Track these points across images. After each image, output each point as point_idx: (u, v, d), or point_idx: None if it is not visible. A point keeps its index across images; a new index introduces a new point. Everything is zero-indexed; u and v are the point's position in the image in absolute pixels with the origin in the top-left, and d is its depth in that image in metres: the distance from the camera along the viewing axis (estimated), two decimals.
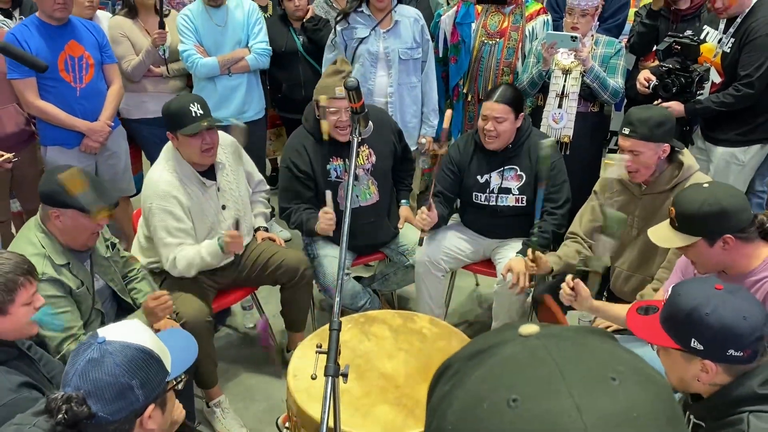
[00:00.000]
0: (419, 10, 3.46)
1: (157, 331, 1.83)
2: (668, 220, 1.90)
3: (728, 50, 3.00)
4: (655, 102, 3.11)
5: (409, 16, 3.30)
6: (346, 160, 2.83)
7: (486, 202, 2.87)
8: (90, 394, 1.24)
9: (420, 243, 2.88)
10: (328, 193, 2.64)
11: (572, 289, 2.16)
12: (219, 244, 2.50)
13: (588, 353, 0.54)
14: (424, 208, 2.71)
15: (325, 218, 2.65)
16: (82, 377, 1.25)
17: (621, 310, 2.13)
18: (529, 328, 0.57)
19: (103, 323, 2.24)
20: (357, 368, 2.11)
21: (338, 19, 3.36)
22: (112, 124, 3.25)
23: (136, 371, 1.27)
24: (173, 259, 2.50)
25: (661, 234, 1.91)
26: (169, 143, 2.58)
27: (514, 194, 2.84)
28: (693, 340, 1.41)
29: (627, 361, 0.54)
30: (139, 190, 3.33)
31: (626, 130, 2.27)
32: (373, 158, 2.90)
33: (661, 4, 3.50)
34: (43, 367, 1.84)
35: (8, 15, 3.58)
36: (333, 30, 3.39)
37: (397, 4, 3.29)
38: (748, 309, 1.40)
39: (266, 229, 2.95)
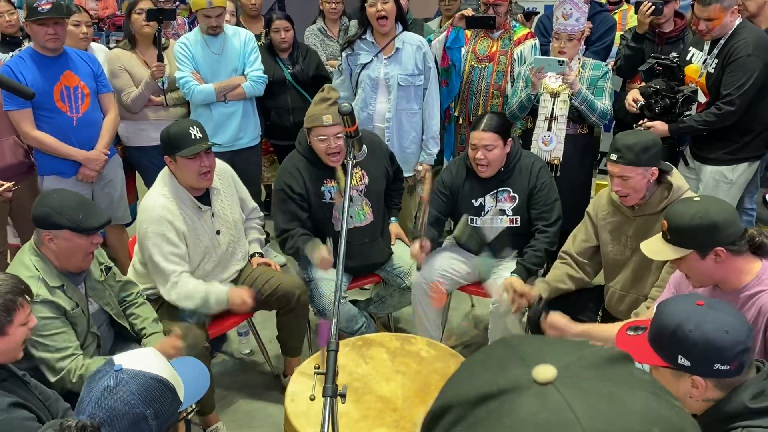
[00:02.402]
0: None
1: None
2: (661, 234, 1.93)
3: (712, 71, 3.07)
4: (641, 122, 3.16)
5: (412, 43, 3.35)
6: (340, 181, 2.86)
7: (481, 224, 2.90)
8: (104, 423, 1.24)
9: (418, 269, 2.92)
10: (330, 242, 2.68)
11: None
12: (227, 296, 2.53)
13: (620, 413, 0.47)
14: (417, 245, 2.79)
15: (323, 263, 2.71)
16: (98, 405, 1.25)
17: (609, 330, 2.16)
18: (546, 373, 0.49)
19: (99, 347, 2.25)
20: (355, 391, 2.11)
21: (344, 46, 3.44)
22: (109, 152, 3.28)
23: (150, 401, 1.27)
24: (174, 283, 2.51)
25: (654, 247, 1.94)
26: (165, 169, 2.60)
27: (508, 215, 2.87)
28: (680, 356, 1.43)
29: (664, 419, 0.48)
30: (134, 219, 3.34)
31: (614, 156, 2.31)
32: (366, 179, 2.94)
33: (645, 28, 3.59)
34: (39, 394, 1.83)
35: (18, 44, 3.64)
36: (340, 57, 3.46)
37: (402, 31, 3.35)
38: (730, 322, 1.42)
39: (261, 255, 2.97)
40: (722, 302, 1.53)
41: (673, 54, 3.28)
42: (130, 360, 1.32)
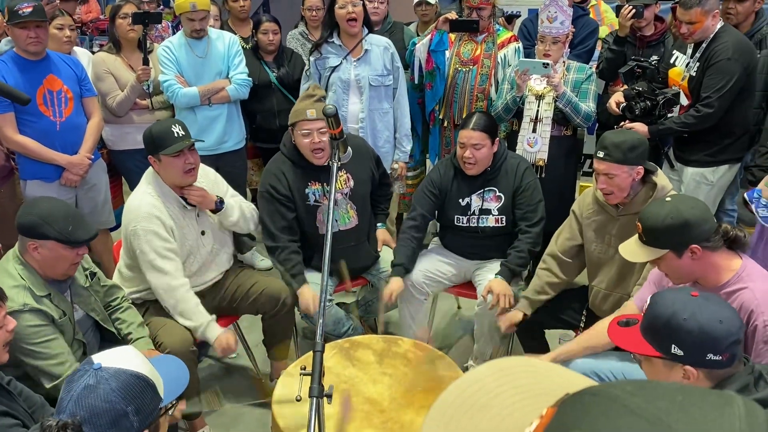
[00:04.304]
0: (393, 41, 3.55)
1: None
2: (636, 236, 1.96)
3: (694, 74, 3.11)
4: (621, 123, 3.20)
5: (379, 44, 3.39)
6: (325, 184, 2.86)
7: (467, 224, 2.92)
8: (86, 421, 1.24)
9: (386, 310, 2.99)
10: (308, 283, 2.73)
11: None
12: (213, 340, 2.54)
13: None
14: (387, 290, 2.81)
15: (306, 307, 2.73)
16: (78, 403, 1.25)
17: (577, 344, 2.20)
18: None
19: (85, 353, 2.22)
20: (342, 394, 2.11)
21: (311, 50, 3.44)
22: (92, 156, 3.25)
23: (131, 398, 1.28)
24: (175, 288, 2.50)
25: (631, 249, 1.97)
26: (149, 169, 2.59)
27: (494, 215, 2.89)
28: (673, 346, 1.46)
29: None
30: (119, 224, 3.32)
31: (601, 154, 2.34)
32: (351, 183, 2.94)
33: (627, 31, 3.64)
34: (23, 401, 1.82)
35: None
36: (307, 62, 3.46)
37: (368, 33, 3.37)
38: (723, 313, 1.45)
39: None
40: (715, 295, 1.56)
41: (654, 57, 3.33)
42: (109, 358, 1.32)
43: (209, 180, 2.76)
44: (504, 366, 0.55)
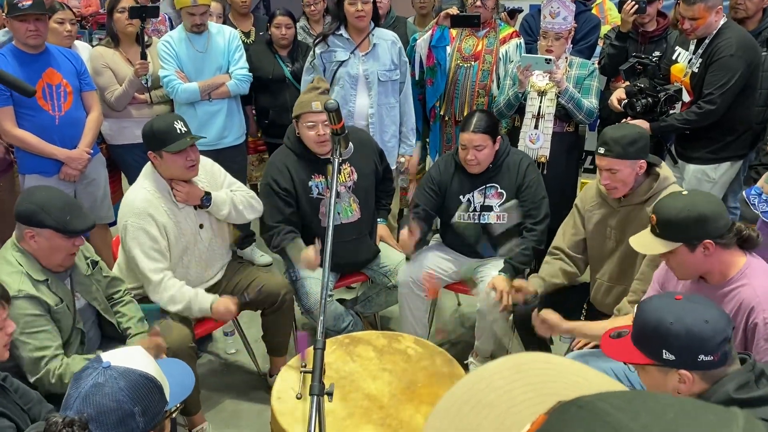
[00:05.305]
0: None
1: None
2: (649, 228, 1.94)
3: (696, 70, 3.10)
4: (623, 120, 3.19)
5: (386, 39, 3.37)
6: (328, 177, 2.85)
7: (469, 221, 2.90)
8: (92, 419, 1.24)
9: (407, 258, 2.94)
10: (318, 242, 2.65)
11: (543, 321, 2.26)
12: (211, 305, 2.51)
13: None
14: (406, 230, 2.74)
15: (309, 263, 2.68)
16: (86, 401, 1.25)
17: (596, 326, 2.18)
18: None
19: (83, 343, 2.21)
20: (341, 389, 2.10)
21: (317, 41, 3.41)
22: (91, 151, 3.24)
23: (139, 398, 1.28)
24: (158, 283, 2.48)
25: (643, 241, 1.95)
26: (148, 164, 2.58)
27: (495, 212, 2.88)
28: (664, 351, 1.45)
29: None
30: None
31: (601, 150, 2.33)
32: (355, 176, 2.93)
33: (629, 27, 3.62)
34: (19, 398, 1.80)
35: None
36: (312, 52, 3.43)
37: (374, 27, 3.35)
38: (709, 313, 1.44)
39: None
40: (699, 296, 1.56)
41: (656, 53, 3.31)
42: (118, 357, 1.32)
43: (205, 170, 2.74)
44: (518, 362, 0.54)
